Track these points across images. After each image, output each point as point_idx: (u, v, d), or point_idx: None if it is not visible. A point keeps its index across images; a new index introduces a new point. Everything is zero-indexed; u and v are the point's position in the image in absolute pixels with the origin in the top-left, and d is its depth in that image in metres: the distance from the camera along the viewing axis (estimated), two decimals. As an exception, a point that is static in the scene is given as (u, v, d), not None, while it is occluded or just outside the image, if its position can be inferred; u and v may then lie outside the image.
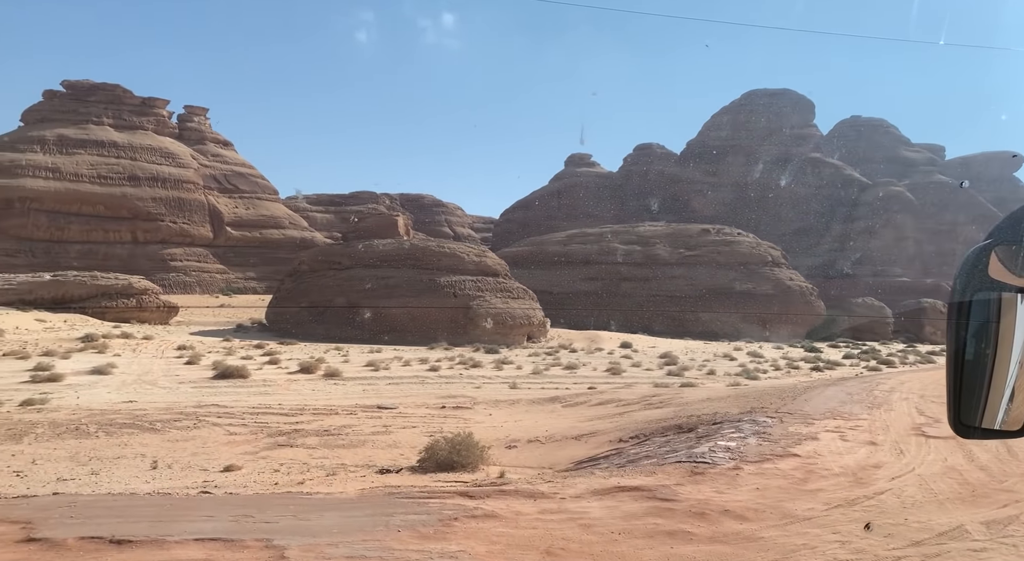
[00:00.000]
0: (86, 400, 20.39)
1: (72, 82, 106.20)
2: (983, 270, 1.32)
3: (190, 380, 26.01)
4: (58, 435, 14.20)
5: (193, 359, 32.80)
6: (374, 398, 21.35)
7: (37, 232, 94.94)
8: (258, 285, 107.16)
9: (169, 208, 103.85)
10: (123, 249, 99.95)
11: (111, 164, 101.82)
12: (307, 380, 27.09)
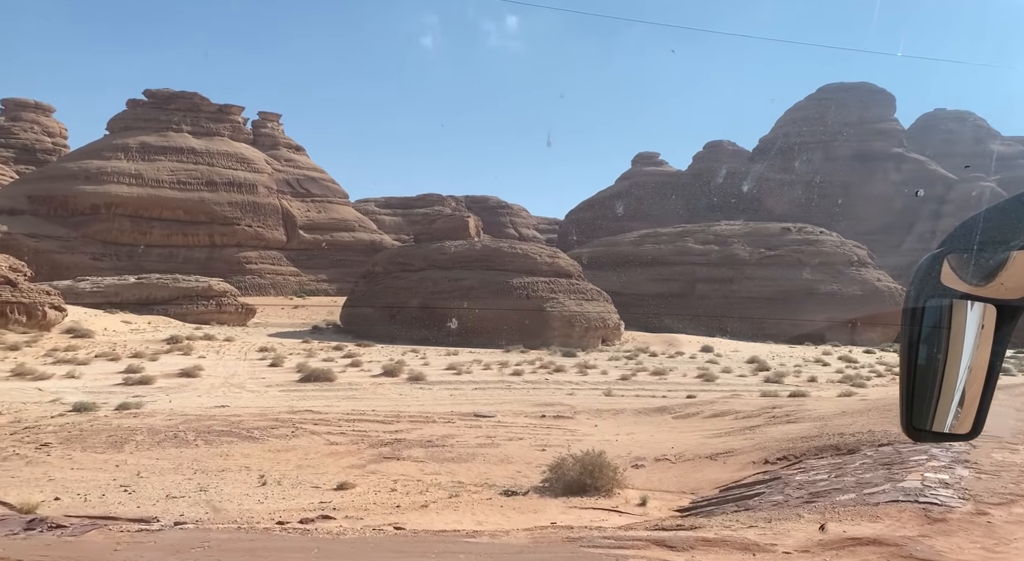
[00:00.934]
0: (178, 404, 20.19)
1: (153, 91, 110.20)
2: (936, 277, 1.34)
3: (277, 383, 25.74)
4: (158, 443, 13.75)
5: (276, 361, 32.75)
6: (464, 404, 20.46)
7: (121, 236, 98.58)
8: (329, 287, 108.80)
9: (244, 212, 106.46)
10: (201, 252, 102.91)
11: (190, 170, 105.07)
12: (392, 384, 26.49)
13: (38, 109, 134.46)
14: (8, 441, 13.57)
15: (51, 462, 11.82)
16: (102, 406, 18.68)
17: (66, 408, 18.53)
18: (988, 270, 1.32)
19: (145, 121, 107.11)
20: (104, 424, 15.83)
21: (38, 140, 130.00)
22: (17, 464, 11.58)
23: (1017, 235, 1.27)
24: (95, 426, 15.47)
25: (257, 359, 34.75)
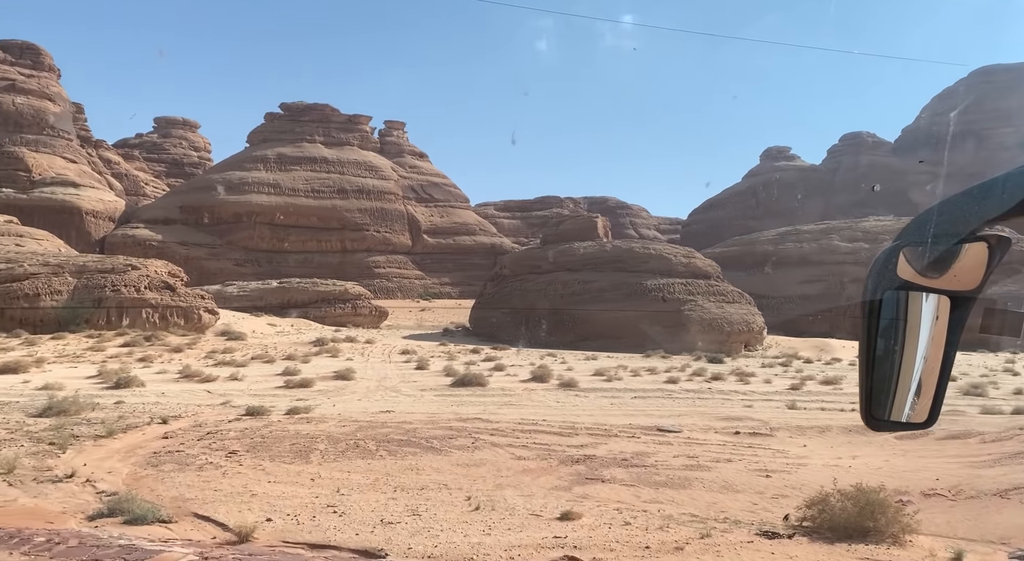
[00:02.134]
0: (343, 409, 19.90)
1: (288, 104, 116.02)
2: (892, 270, 1.36)
3: (430, 387, 25.22)
4: (341, 452, 13.12)
5: (421, 364, 32.52)
6: (638, 416, 18.90)
7: (261, 243, 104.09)
8: (452, 290, 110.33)
9: (373, 218, 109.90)
10: (334, 257, 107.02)
11: (323, 178, 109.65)
12: (544, 390, 25.36)
13: (186, 125, 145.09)
14: (197, 448, 13.36)
15: (245, 473, 11.33)
16: (271, 410, 18.58)
17: (239, 412, 18.57)
18: (942, 262, 1.34)
19: (281, 133, 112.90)
20: (281, 430, 15.52)
21: (186, 154, 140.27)
22: (213, 475, 11.16)
23: (968, 228, 1.29)
24: (273, 432, 15.17)
25: (402, 362, 34.73)
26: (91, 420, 16.41)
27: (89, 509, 8.90)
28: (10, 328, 41.91)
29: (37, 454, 12.38)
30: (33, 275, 45.71)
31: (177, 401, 20.86)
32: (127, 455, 12.75)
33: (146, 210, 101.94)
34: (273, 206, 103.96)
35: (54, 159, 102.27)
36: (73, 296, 45.52)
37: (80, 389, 22.40)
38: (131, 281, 47.58)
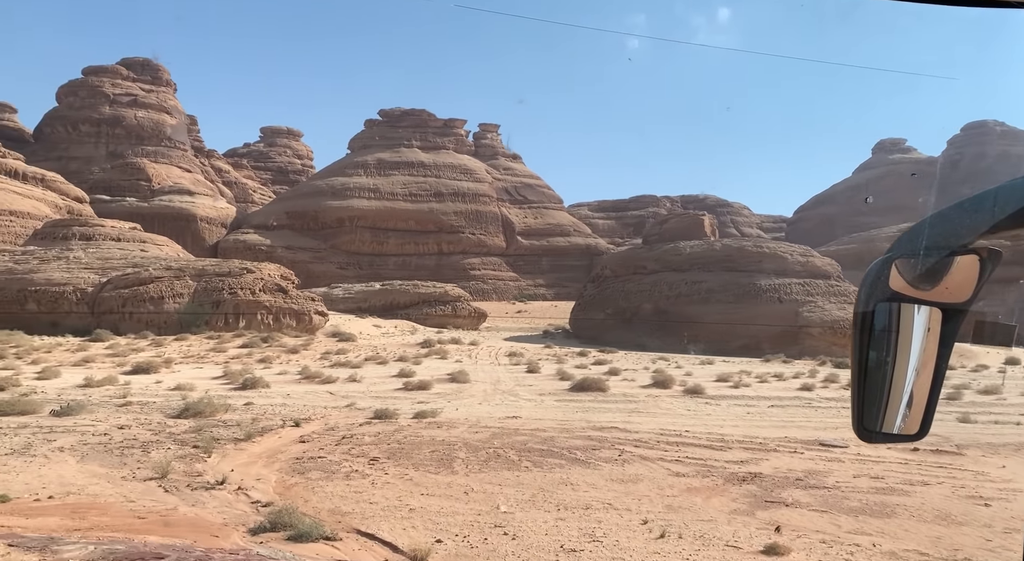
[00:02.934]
0: (467, 413, 19.29)
1: (386, 111, 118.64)
2: (884, 282, 1.38)
3: (548, 392, 24.34)
4: (483, 462, 12.37)
5: (532, 367, 31.75)
6: (789, 428, 17.30)
7: (363, 246, 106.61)
8: (547, 292, 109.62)
9: (468, 221, 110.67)
10: (430, 260, 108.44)
11: (420, 182, 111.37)
12: (669, 396, 23.98)
13: (289, 135, 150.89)
14: (337, 454, 12.93)
15: (393, 483, 10.73)
16: (398, 413, 18.16)
17: (366, 415, 18.27)
18: (934, 275, 1.35)
19: (380, 139, 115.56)
20: (414, 436, 14.98)
21: (290, 162, 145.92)
22: (362, 484, 10.61)
23: (960, 241, 1.31)
24: (408, 438, 14.63)
25: (511, 364, 34.08)
26: (227, 422, 16.43)
27: (249, 521, 8.45)
28: (137, 329, 44.17)
29: (185, 458, 12.26)
30: (157, 279, 48.07)
31: (303, 403, 20.86)
32: (270, 460, 12.45)
33: (255, 216, 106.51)
34: (373, 210, 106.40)
35: (171, 169, 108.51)
36: (193, 299, 47.55)
37: (210, 390, 22.84)
38: (247, 284, 49.26)
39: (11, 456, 12.01)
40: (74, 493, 9.54)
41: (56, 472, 10.80)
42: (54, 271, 48.69)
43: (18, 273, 48.43)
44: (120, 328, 44.10)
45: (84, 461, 11.81)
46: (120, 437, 14.04)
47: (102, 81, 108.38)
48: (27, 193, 78.87)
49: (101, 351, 33.17)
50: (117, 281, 47.78)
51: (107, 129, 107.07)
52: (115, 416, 17.05)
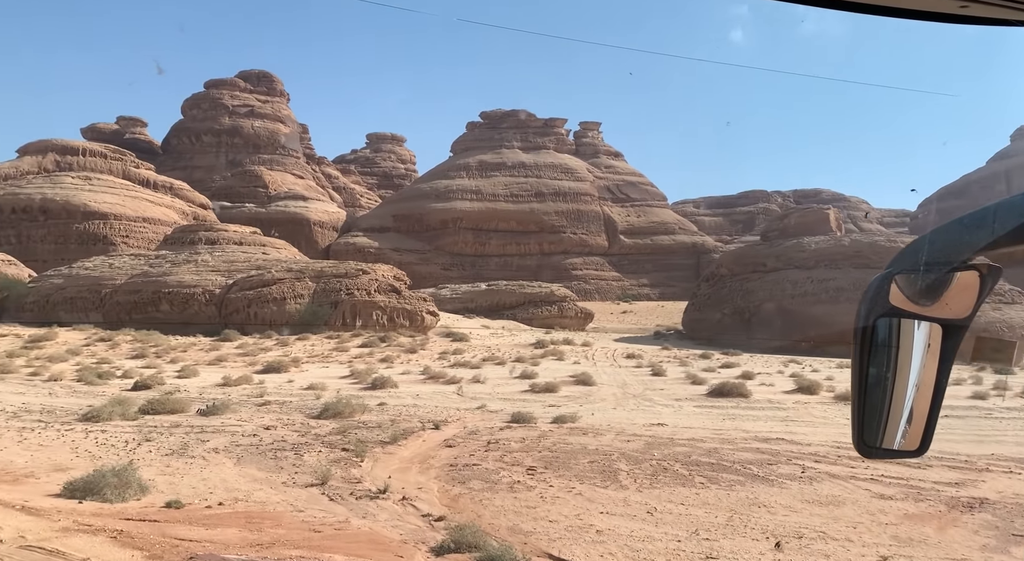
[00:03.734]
0: (605, 418, 18.24)
1: (487, 113, 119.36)
2: (884, 297, 1.38)
3: (683, 397, 22.92)
4: (651, 475, 11.27)
5: (656, 370, 30.29)
6: (984, 443, 15.23)
7: (465, 248, 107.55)
8: (652, 291, 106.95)
9: (570, 220, 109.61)
10: (532, 260, 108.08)
11: (520, 183, 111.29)
12: (819, 403, 22.04)
13: (393, 140, 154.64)
14: (490, 461, 12.18)
15: (563, 497, 9.82)
16: (534, 417, 17.33)
17: (502, 418, 17.57)
18: (934, 290, 1.36)
19: (481, 141, 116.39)
20: (562, 443, 14.07)
21: (394, 167, 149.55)
22: (530, 497, 9.76)
23: (959, 256, 1.32)
24: (557, 446, 13.73)
25: (632, 366, 32.74)
26: (367, 423, 16.09)
27: (427, 538, 7.73)
28: (261, 329, 45.76)
29: (338, 462, 11.83)
30: (279, 280, 49.71)
31: (433, 404, 20.43)
32: (423, 466, 11.84)
33: (364, 219, 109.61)
34: (475, 212, 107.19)
35: (285, 176, 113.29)
36: (313, 299, 48.85)
37: (341, 390, 22.86)
38: (362, 285, 50.18)
39: (171, 457, 11.96)
40: (241, 499, 9.16)
41: (218, 475, 10.55)
42: (184, 274, 51.29)
43: (152, 276, 51.36)
44: (246, 328, 45.84)
45: (241, 464, 11.58)
46: (269, 439, 13.87)
47: (222, 93, 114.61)
48: (157, 200, 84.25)
49: (232, 350, 34.33)
50: (242, 283, 49.77)
51: (227, 139, 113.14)
52: (258, 416, 17.08)
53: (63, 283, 52.30)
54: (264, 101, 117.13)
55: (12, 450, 11.91)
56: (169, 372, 26.29)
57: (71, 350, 32.40)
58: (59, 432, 13.85)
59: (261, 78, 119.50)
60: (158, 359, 30.93)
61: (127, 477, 8.90)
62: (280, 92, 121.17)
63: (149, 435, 13.74)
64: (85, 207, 72.92)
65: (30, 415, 16.16)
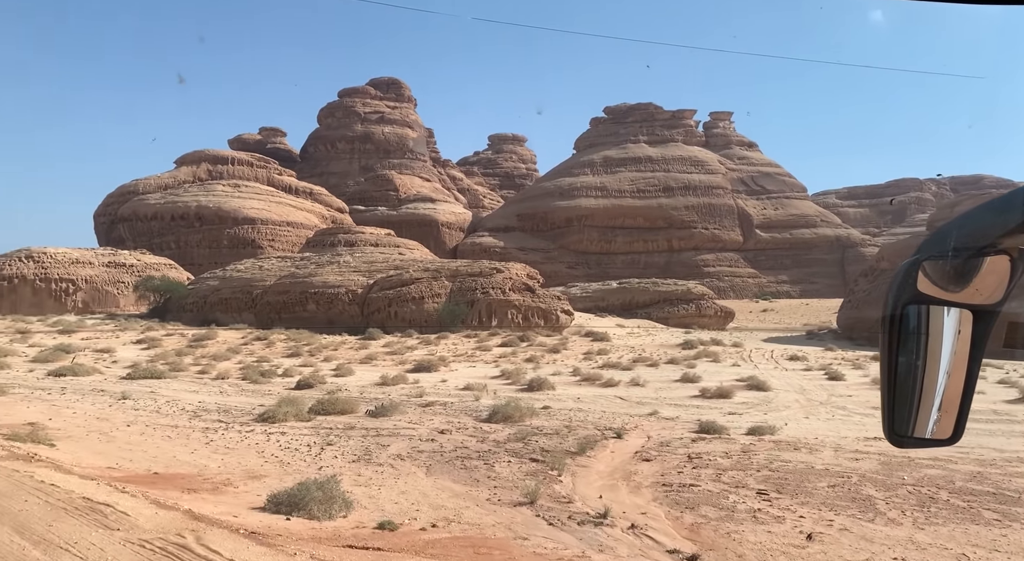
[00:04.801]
0: (800, 429, 16.15)
1: (612, 107, 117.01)
2: (912, 284, 1.37)
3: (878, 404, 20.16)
4: (918, 506, 9.24)
5: (832, 374, 27.37)
6: None
7: (591, 246, 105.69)
8: (792, 288, 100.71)
9: (700, 215, 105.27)
10: (660, 257, 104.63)
11: (647, 178, 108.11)
12: (1052, 417, 18.69)
13: (515, 140, 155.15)
14: (706, 481, 10.55)
15: (830, 534, 8.05)
16: (724, 428, 15.49)
17: (686, 426, 15.87)
18: (963, 276, 1.34)
19: (606, 136, 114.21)
20: (776, 459, 12.20)
21: (515, 167, 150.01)
22: (787, 532, 8.06)
23: (989, 241, 1.30)
24: (773, 463, 11.88)
25: (800, 369, 29.89)
26: (542, 429, 14.90)
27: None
28: (401, 328, 46.20)
29: (534, 475, 10.63)
30: (417, 280, 50.14)
31: (599, 408, 19.01)
32: (630, 484, 10.41)
33: (489, 220, 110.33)
34: (600, 209, 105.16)
35: (413, 179, 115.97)
36: (450, 298, 48.87)
37: (496, 390, 21.95)
38: (497, 284, 49.70)
39: (359, 464, 11.20)
40: (453, 520, 8.09)
41: (415, 488, 9.59)
42: (328, 274, 52.86)
43: (299, 277, 53.29)
44: (386, 326, 46.47)
45: (432, 474, 10.62)
46: (449, 444, 12.92)
47: (354, 101, 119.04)
48: (299, 205, 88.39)
49: (380, 349, 34.52)
50: (382, 283, 50.62)
51: (359, 145, 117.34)
52: (426, 418, 16.31)
53: (218, 285, 55.38)
54: (393, 107, 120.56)
55: (202, 452, 11.58)
56: (326, 370, 26.45)
57: (231, 349, 33.67)
58: (241, 433, 13.56)
59: (390, 85, 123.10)
60: (312, 357, 31.46)
61: (331, 491, 8.03)
62: (408, 97, 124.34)
63: (328, 438, 13.17)
64: (235, 213, 77.47)
65: (208, 414, 16.18)
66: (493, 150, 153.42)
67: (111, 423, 14.26)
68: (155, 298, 56.84)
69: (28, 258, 57.06)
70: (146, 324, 46.45)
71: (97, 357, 29.08)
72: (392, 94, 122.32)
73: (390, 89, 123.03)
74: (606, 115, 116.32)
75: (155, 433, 13.30)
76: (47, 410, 15.65)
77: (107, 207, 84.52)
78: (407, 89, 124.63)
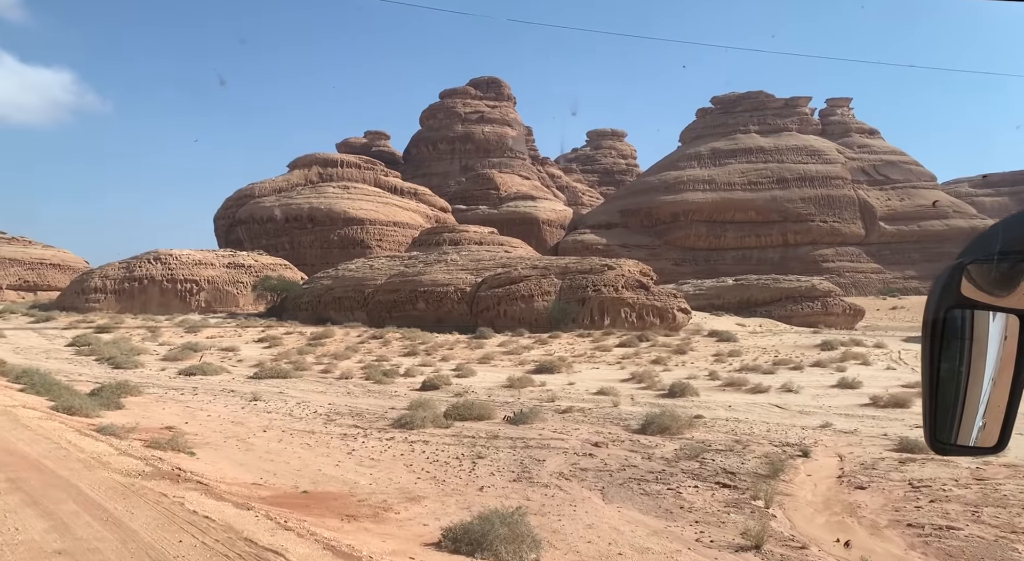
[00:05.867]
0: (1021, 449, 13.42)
1: (719, 97, 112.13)
2: (956, 288, 1.34)
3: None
4: None
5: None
6: None
7: (698, 241, 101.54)
8: (920, 285, 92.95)
9: (818, 207, 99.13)
10: (774, 253, 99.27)
11: (759, 169, 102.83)
12: None
13: (614, 136, 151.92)
14: (967, 522, 8.40)
15: None
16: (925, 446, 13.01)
17: (878, 443, 13.55)
18: (1010, 280, 1.31)
19: (714, 127, 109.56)
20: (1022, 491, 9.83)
21: (615, 163, 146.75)
22: None
23: None
24: None
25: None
26: (709, 444, 13.01)
27: None
28: (511, 327, 45.04)
29: (734, 506, 8.84)
30: (526, 277, 48.90)
31: (758, 418, 16.84)
32: (859, 521, 8.43)
33: (590, 216, 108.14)
34: (709, 203, 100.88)
35: (513, 177, 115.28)
36: (560, 296, 47.32)
37: (633, 395, 20.18)
38: (609, 281, 47.75)
39: (520, 484, 9.75)
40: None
41: (602, 521, 8.01)
42: (437, 273, 52.50)
43: (409, 276, 53.23)
44: (495, 325, 45.44)
45: (610, 500, 9.02)
46: (613, 461, 11.29)
47: (455, 102, 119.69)
48: (404, 205, 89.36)
49: (495, 348, 33.39)
50: (490, 281, 49.73)
51: (460, 145, 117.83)
52: (570, 426, 14.76)
53: (331, 284, 56.18)
54: (493, 106, 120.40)
55: (347, 465, 10.46)
56: (446, 371, 25.46)
57: (349, 347, 33.44)
58: (381, 441, 12.44)
59: (490, 84, 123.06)
60: (429, 357, 30.69)
61: (517, 527, 6.54)
62: (507, 96, 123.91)
63: (475, 449, 11.83)
64: (345, 214, 79.04)
65: (342, 418, 15.27)
66: (592, 146, 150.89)
67: (246, 427, 13.51)
68: (272, 297, 58.35)
69: (156, 260, 59.94)
70: (265, 323, 47.49)
71: (223, 355, 29.36)
72: (492, 93, 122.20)
73: (490, 88, 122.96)
74: (713, 105, 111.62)
75: (293, 440, 12.38)
76: (182, 412, 15.17)
77: (226, 210, 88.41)
78: (507, 87, 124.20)
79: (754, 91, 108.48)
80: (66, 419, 11.06)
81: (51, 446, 8.16)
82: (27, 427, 9.36)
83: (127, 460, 7.90)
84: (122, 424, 11.84)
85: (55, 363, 25.03)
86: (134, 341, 33.61)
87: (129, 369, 23.74)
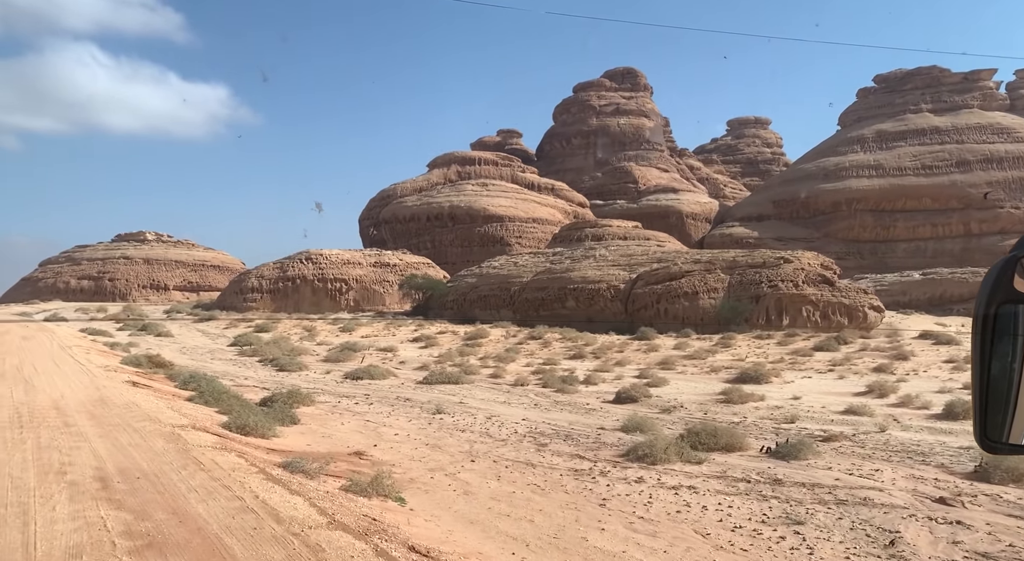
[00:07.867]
0: None
1: (884, 75, 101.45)
2: (1008, 283, 1.31)
3: None
4: None
5: None
6: None
7: (863, 233, 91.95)
8: None
9: (1008, 192, 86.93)
10: (954, 244, 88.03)
11: (934, 152, 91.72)
12: None
13: (757, 124, 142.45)
14: None
15: None
16: None
17: None
18: None
19: (878, 108, 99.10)
20: None
21: (759, 152, 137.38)
22: None
23: None
24: None
25: None
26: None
27: None
28: (674, 327, 40.92)
29: None
30: (688, 273, 44.59)
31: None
32: None
33: (739, 208, 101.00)
34: (875, 190, 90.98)
35: (651, 170, 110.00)
36: (728, 293, 42.65)
37: (892, 414, 15.88)
38: (786, 276, 42.51)
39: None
40: None
41: None
42: (586, 269, 49.24)
43: (556, 272, 50.31)
44: (655, 324, 41.50)
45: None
46: (1005, 536, 7.40)
47: (589, 95, 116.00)
48: (542, 201, 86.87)
49: (671, 352, 29.58)
50: (647, 277, 45.83)
51: (594, 139, 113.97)
52: (865, 464, 10.88)
53: (476, 282, 54.34)
54: (628, 97, 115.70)
55: (615, 529, 7.27)
56: (628, 377, 22.10)
57: (509, 349, 30.84)
58: (628, 484, 9.21)
59: (625, 75, 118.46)
60: (598, 360, 27.44)
61: None
62: (644, 86, 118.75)
63: (771, 503, 8.33)
64: (484, 211, 77.60)
65: (550, 441, 12.25)
66: (733, 136, 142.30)
67: (447, 454, 10.75)
68: (417, 296, 57.41)
69: (308, 260, 60.73)
70: (414, 322, 46.19)
71: (383, 357, 27.54)
72: (627, 84, 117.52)
73: (625, 79, 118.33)
74: (876, 84, 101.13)
75: (514, 477, 9.41)
76: (363, 429, 12.72)
77: (370, 211, 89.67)
78: (643, 77, 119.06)
79: (925, 66, 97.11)
80: (243, 446, 8.60)
81: (233, 505, 5.52)
82: (200, 465, 6.85)
83: (340, 537, 5.09)
84: (304, 449, 9.37)
85: (220, 365, 23.99)
86: (293, 341, 32.74)
87: (294, 372, 22.17)
